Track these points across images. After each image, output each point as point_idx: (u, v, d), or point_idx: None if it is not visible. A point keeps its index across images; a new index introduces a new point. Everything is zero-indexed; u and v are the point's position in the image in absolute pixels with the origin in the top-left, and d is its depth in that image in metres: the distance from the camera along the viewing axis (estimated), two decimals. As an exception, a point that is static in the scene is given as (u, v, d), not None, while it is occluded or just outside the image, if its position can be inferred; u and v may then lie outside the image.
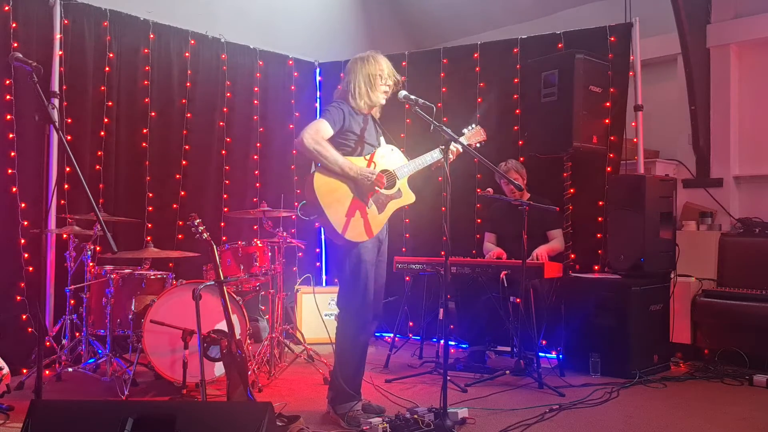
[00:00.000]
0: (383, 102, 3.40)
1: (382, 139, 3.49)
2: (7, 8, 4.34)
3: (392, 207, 3.33)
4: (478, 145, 3.58)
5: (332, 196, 3.19)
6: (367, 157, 3.32)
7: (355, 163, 3.24)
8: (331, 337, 5.19)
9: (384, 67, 3.37)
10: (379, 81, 3.34)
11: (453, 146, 3.29)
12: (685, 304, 4.72)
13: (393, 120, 4.69)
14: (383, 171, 3.30)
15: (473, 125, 3.63)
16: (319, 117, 3.34)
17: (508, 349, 4.58)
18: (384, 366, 4.51)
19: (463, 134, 3.54)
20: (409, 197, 3.39)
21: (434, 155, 3.38)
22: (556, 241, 4.69)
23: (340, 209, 3.19)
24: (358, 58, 3.41)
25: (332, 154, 3.20)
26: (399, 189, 3.35)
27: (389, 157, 3.38)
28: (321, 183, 3.19)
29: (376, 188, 3.24)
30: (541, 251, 4.51)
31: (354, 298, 3.28)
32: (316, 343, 4.62)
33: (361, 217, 3.23)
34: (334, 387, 3.34)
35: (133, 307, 3.89)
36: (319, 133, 3.21)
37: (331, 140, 3.31)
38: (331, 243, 3.35)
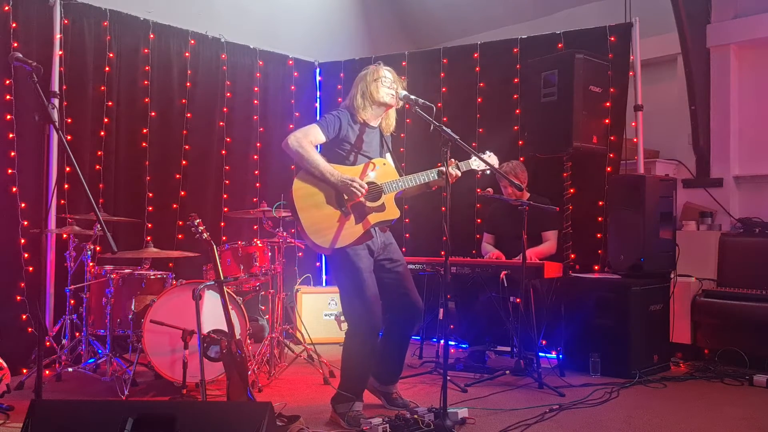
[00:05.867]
0: (388, 101, 3.33)
1: (388, 156, 3.45)
2: (7, 8, 4.34)
3: (372, 219, 3.26)
4: (488, 172, 3.49)
5: (309, 201, 3.18)
6: (359, 167, 3.29)
7: (343, 172, 3.21)
8: (331, 337, 5.28)
9: (385, 73, 3.34)
10: (380, 83, 3.31)
11: (451, 171, 3.25)
12: (685, 304, 4.72)
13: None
14: (369, 183, 3.24)
15: (489, 153, 3.51)
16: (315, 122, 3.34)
17: (508, 349, 4.58)
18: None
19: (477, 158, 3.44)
20: (392, 213, 3.31)
21: (428, 176, 3.32)
22: (549, 243, 4.66)
23: (314, 213, 3.17)
24: (362, 72, 3.40)
25: (314, 157, 3.18)
26: (383, 203, 3.28)
27: (380, 170, 3.33)
28: (300, 186, 3.19)
29: (356, 197, 3.19)
30: (528, 254, 4.37)
31: (353, 307, 3.27)
32: (315, 343, 4.61)
33: (335, 224, 3.19)
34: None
35: (133, 307, 3.89)
36: (307, 136, 3.21)
37: (327, 148, 3.32)
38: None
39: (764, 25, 5.11)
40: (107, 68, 4.85)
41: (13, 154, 4.36)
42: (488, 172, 3.48)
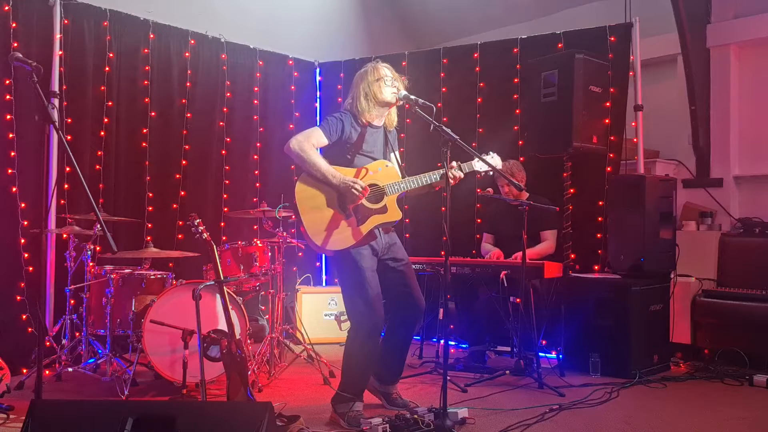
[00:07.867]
0: (392, 100, 3.32)
1: (393, 155, 3.44)
2: (7, 8, 4.35)
3: (374, 221, 3.25)
4: (491, 173, 3.48)
5: (311, 203, 3.20)
6: (361, 169, 3.28)
7: (344, 174, 3.22)
8: (331, 337, 5.28)
9: (385, 72, 3.33)
10: (382, 83, 3.30)
11: (454, 173, 3.25)
12: (685, 304, 4.72)
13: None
14: (371, 184, 3.24)
15: (492, 154, 3.49)
16: (317, 125, 3.33)
17: (508, 349, 4.58)
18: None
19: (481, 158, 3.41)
20: (394, 215, 3.29)
21: (431, 177, 3.31)
22: (547, 243, 4.66)
23: (316, 216, 3.19)
24: (360, 71, 3.39)
25: (315, 160, 3.19)
26: (385, 205, 3.28)
27: (383, 172, 3.33)
28: (302, 189, 3.22)
29: (358, 199, 3.19)
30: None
31: (356, 306, 3.26)
32: (316, 343, 4.61)
33: (336, 226, 3.19)
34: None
35: (133, 307, 3.89)
36: (309, 139, 3.23)
37: (330, 150, 3.32)
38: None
39: (764, 25, 5.11)
40: (107, 68, 4.85)
41: (13, 154, 4.36)
42: (491, 173, 3.47)
